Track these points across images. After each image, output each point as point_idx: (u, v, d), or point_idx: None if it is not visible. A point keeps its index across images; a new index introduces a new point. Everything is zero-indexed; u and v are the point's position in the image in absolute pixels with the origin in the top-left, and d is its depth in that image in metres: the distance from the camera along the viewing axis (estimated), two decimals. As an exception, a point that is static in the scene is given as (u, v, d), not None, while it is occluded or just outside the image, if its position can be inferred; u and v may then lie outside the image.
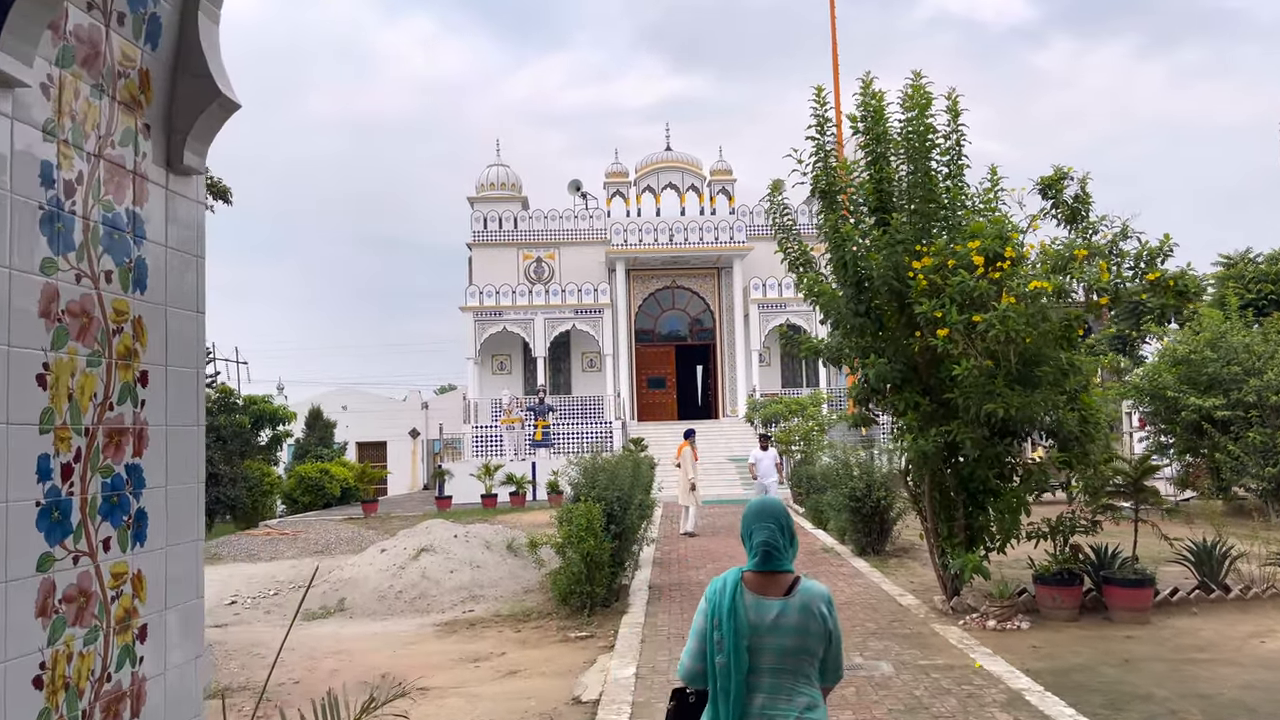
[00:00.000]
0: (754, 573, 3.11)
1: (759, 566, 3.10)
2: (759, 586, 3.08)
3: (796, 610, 3.02)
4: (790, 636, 3.00)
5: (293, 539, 19.14)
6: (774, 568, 3.09)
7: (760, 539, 3.09)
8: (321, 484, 27.31)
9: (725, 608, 3.06)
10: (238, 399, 25.86)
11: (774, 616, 3.01)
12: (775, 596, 3.05)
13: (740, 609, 3.04)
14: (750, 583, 3.10)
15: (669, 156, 37.43)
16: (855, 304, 9.05)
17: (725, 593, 3.09)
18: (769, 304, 34.52)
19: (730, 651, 3.00)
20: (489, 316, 34.10)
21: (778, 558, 3.09)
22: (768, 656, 3.00)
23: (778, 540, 3.09)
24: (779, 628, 3.00)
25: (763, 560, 3.09)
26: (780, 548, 3.10)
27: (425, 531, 13.27)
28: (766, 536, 3.09)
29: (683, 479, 17.69)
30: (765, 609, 3.03)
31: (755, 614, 3.03)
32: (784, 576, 3.09)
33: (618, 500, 10.70)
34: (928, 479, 9.47)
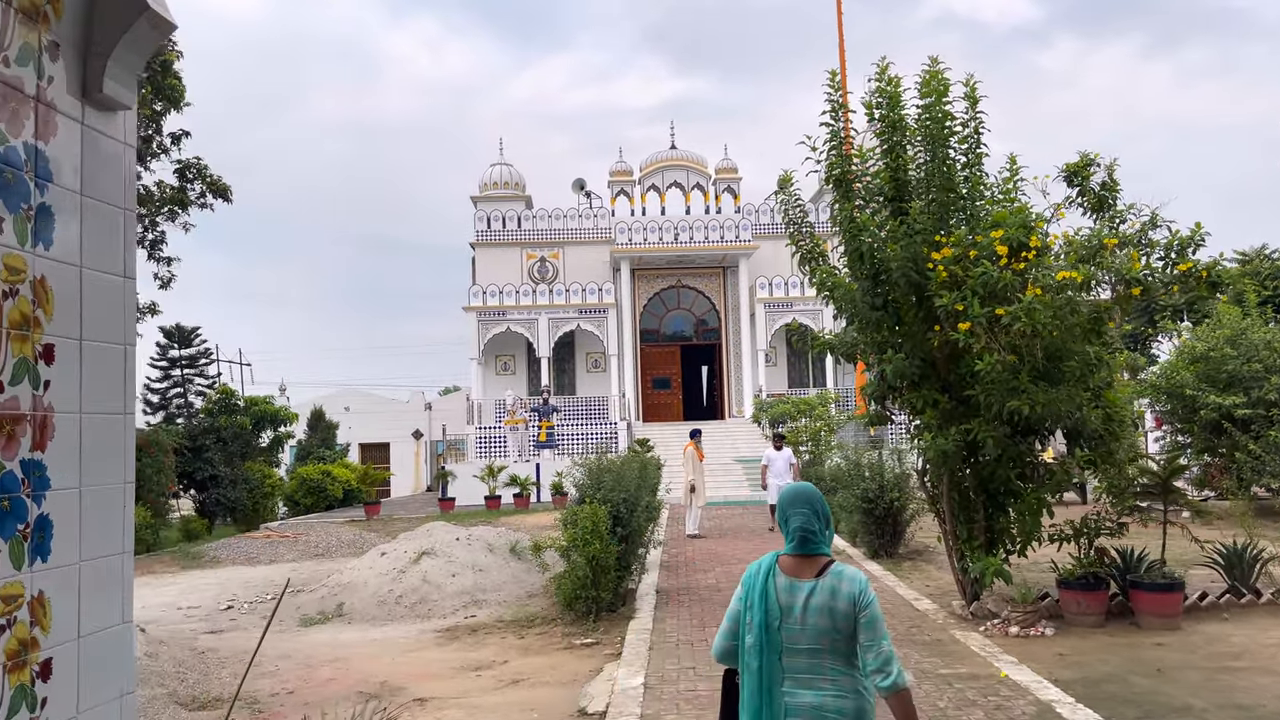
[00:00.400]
0: (790, 556, 3.18)
1: (795, 550, 3.17)
2: (793, 569, 3.15)
3: (826, 591, 3.06)
4: (821, 616, 3.04)
5: (293, 542, 18.83)
6: (809, 551, 3.16)
7: (796, 524, 3.16)
8: (323, 486, 27.00)
9: (757, 590, 3.14)
10: (239, 400, 25.55)
11: (805, 597, 3.07)
12: (808, 578, 3.12)
13: (771, 591, 3.11)
14: (785, 565, 3.18)
15: (673, 155, 37.09)
16: (871, 297, 8.69)
17: (759, 575, 3.18)
18: (775, 303, 34.16)
19: (759, 631, 3.08)
20: (492, 317, 33.77)
21: (814, 541, 3.16)
22: (802, 637, 3.05)
23: (813, 525, 3.16)
24: (810, 608, 3.05)
25: (799, 544, 3.16)
26: (816, 532, 3.17)
27: (426, 534, 12.94)
28: (802, 521, 3.16)
29: (684, 480, 17.36)
30: (797, 591, 3.09)
31: (787, 596, 3.10)
32: (817, 559, 3.16)
33: (624, 502, 10.36)
34: (946, 479, 9.11)
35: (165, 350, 29.20)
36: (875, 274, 8.58)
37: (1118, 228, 7.86)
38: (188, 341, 29.19)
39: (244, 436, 24.18)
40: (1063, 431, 8.95)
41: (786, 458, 16.86)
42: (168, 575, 15.76)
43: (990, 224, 7.98)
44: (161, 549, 19.34)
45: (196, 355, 29.19)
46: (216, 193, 22.59)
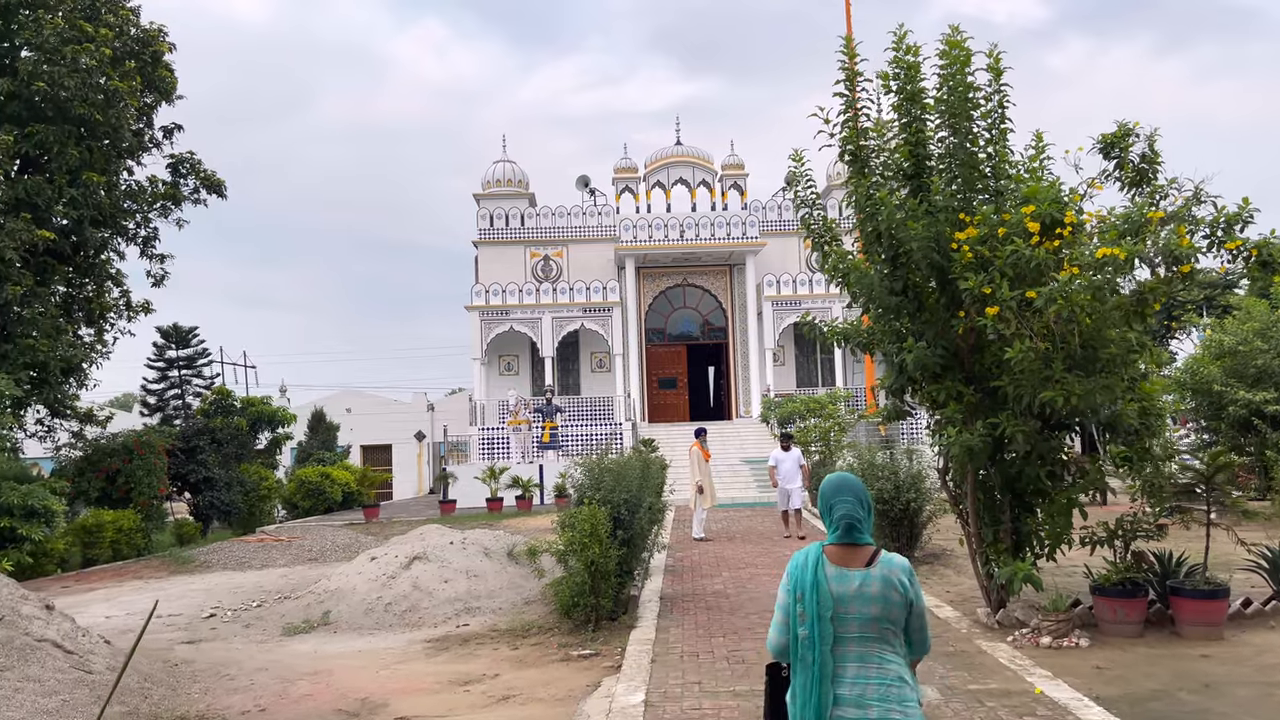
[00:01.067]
0: (836, 545, 3.19)
1: (841, 539, 3.18)
2: (841, 559, 3.16)
3: (878, 580, 3.09)
4: (874, 605, 3.07)
5: (287, 545, 18.27)
6: (854, 540, 3.17)
7: (841, 512, 3.18)
8: (322, 488, 26.45)
9: (808, 581, 3.13)
10: (235, 401, 25.01)
11: (857, 587, 3.08)
12: (857, 567, 3.12)
13: (823, 581, 3.11)
14: (832, 555, 3.17)
15: (679, 151, 36.47)
16: (890, 281, 8.05)
17: (808, 567, 3.17)
18: (783, 301, 33.53)
19: (813, 623, 3.08)
20: (495, 316, 33.21)
21: (859, 530, 3.18)
22: (853, 626, 3.07)
23: (857, 513, 3.18)
24: (862, 597, 3.07)
25: (844, 533, 3.17)
26: (861, 520, 3.19)
27: (419, 538, 12.34)
28: (847, 510, 3.17)
29: (690, 481, 16.77)
30: (848, 580, 3.10)
31: (838, 585, 3.10)
32: (864, 549, 3.17)
33: (625, 503, 9.75)
34: (970, 478, 8.48)
35: (162, 351, 28.70)
36: (894, 256, 7.94)
37: (1158, 203, 7.23)
38: (185, 342, 28.69)
39: (240, 438, 23.62)
40: (1095, 426, 8.31)
41: (795, 458, 16.09)
42: (155, 581, 15.19)
43: (1020, 200, 7.35)
44: (154, 553, 18.79)
45: (194, 356, 28.69)
46: (210, 188, 22.06)
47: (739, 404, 35.05)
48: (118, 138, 18.43)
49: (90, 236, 19.18)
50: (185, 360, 28.61)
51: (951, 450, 7.61)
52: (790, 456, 16.15)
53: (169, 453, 21.06)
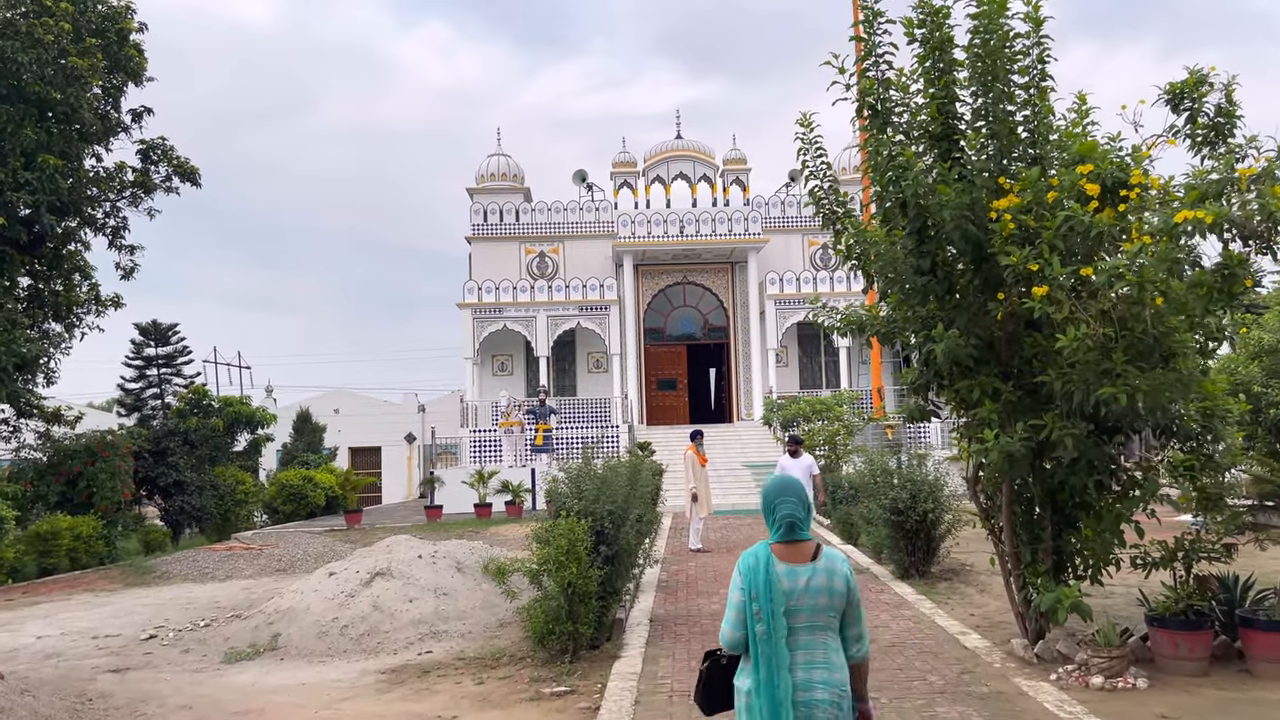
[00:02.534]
0: (780, 544, 3.48)
1: (784, 538, 3.48)
2: (787, 556, 3.45)
3: (823, 573, 3.42)
4: (820, 596, 3.39)
5: (257, 555, 17.11)
6: (797, 538, 3.49)
7: (784, 512, 3.49)
8: (304, 492, 25.28)
9: (761, 581, 3.38)
10: (212, 401, 23.85)
11: (805, 581, 3.39)
12: (803, 563, 3.43)
13: (775, 580, 3.38)
14: (779, 553, 3.45)
15: (679, 145, 35.33)
16: (916, 259, 6.88)
17: (759, 568, 3.42)
18: (786, 300, 32.37)
19: (769, 619, 3.33)
20: (488, 314, 32.07)
21: (800, 528, 3.49)
22: (802, 617, 3.37)
23: (798, 513, 3.50)
24: (810, 590, 3.38)
25: (787, 531, 3.48)
26: (801, 519, 3.51)
27: (385, 550, 11.18)
28: (789, 510, 3.49)
29: (685, 487, 15.59)
30: (796, 575, 3.40)
31: (788, 581, 3.39)
32: (807, 544, 3.48)
33: (610, 515, 8.58)
34: (1006, 490, 7.31)
35: (140, 348, 27.52)
36: (920, 229, 6.78)
37: (1236, 164, 6.07)
38: (165, 339, 27.51)
39: (215, 439, 22.45)
40: (1153, 429, 7.14)
41: (806, 467, 14.18)
42: (106, 594, 14.04)
43: (1071, 160, 6.18)
44: (117, 562, 17.65)
45: (174, 354, 27.50)
46: (183, 175, 20.90)
47: (740, 406, 33.89)
48: (77, 118, 17.28)
49: (51, 225, 18.03)
50: (164, 359, 27.43)
51: (988, 457, 6.44)
52: (800, 465, 14.19)
53: (137, 455, 19.92)
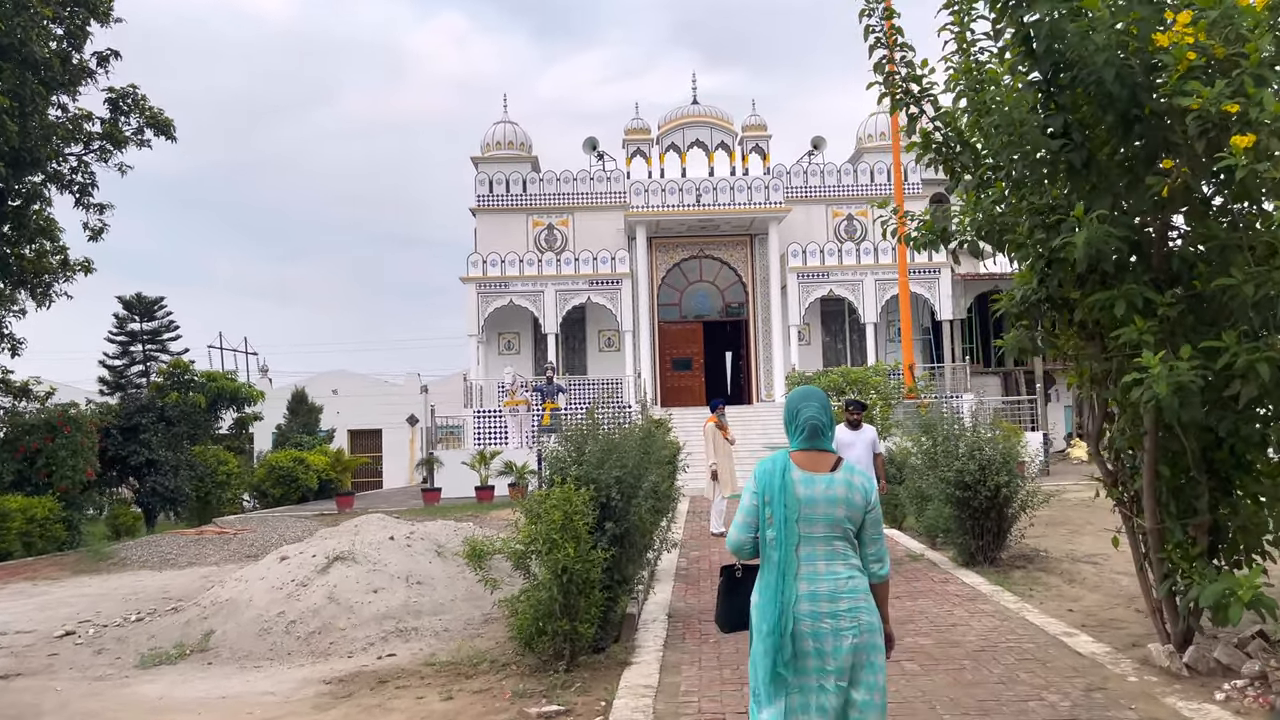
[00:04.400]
0: (801, 451, 3.42)
1: (805, 443, 3.42)
2: (807, 463, 3.37)
3: (842, 484, 3.34)
4: (839, 507, 3.30)
5: (229, 539, 15.38)
6: (819, 446, 3.42)
7: (807, 415, 3.43)
8: (295, 475, 23.54)
9: (776, 486, 3.31)
10: (194, 375, 22.14)
11: (823, 489, 3.30)
12: (823, 472, 3.35)
13: (790, 485, 3.30)
14: (799, 460, 3.38)
15: (696, 110, 33.34)
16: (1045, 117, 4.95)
17: (775, 472, 3.35)
18: (809, 273, 30.42)
19: (780, 525, 3.27)
20: (494, 288, 30.26)
21: (822, 434, 3.43)
22: (820, 526, 3.28)
23: (821, 418, 3.44)
24: (828, 499, 3.30)
25: (809, 436, 3.42)
26: (824, 425, 3.44)
27: (352, 531, 9.40)
28: (812, 414, 3.43)
29: (706, 464, 13.74)
30: (814, 483, 3.31)
31: (805, 488, 3.30)
32: (828, 455, 3.42)
33: (618, 483, 6.76)
34: (1150, 445, 5.44)
35: (124, 323, 25.90)
36: (1053, 71, 4.86)
37: None
38: (150, 314, 25.92)
39: (194, 416, 20.72)
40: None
41: (869, 441, 10.30)
42: (46, 583, 12.33)
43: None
44: (77, 547, 15.97)
45: (159, 329, 25.90)
46: (157, 128, 19.16)
47: (760, 387, 31.98)
48: (27, 54, 15.51)
49: (5, 177, 16.31)
50: (149, 334, 25.79)
51: (1147, 394, 4.54)
52: (861, 439, 10.23)
53: (105, 432, 18.23)
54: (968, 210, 5.83)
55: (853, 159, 34.71)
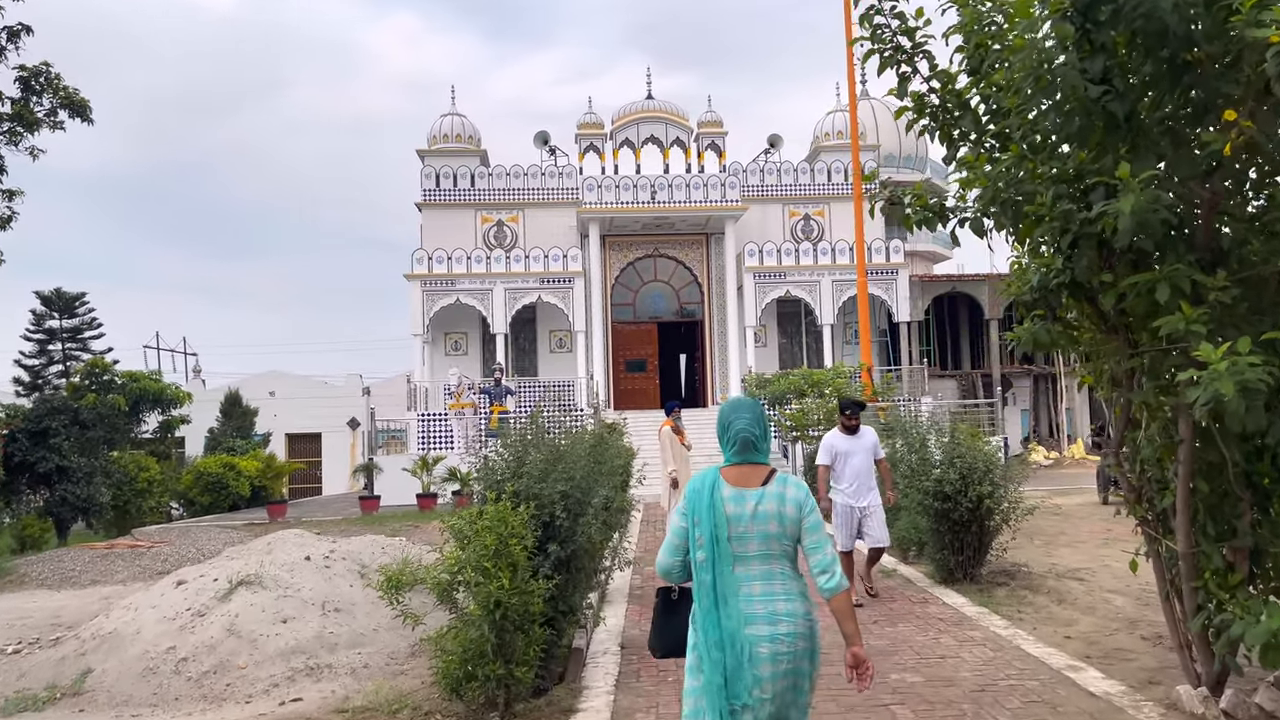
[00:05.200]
0: (732, 466, 3.24)
1: (737, 457, 3.23)
2: (737, 479, 3.19)
3: (774, 498, 3.14)
4: (771, 523, 3.12)
5: (143, 554, 14.14)
6: (751, 459, 3.23)
7: (738, 429, 3.23)
8: (225, 481, 22.20)
9: (704, 504, 3.14)
10: (115, 376, 20.71)
11: (754, 506, 3.12)
12: (754, 486, 3.16)
13: (719, 503, 3.13)
14: (729, 476, 3.20)
15: (650, 105, 32.47)
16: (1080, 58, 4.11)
17: (704, 490, 3.17)
18: (766, 273, 29.73)
19: (710, 545, 3.08)
20: (440, 286, 29.10)
21: (756, 448, 3.23)
22: (754, 544, 3.10)
23: (754, 430, 3.23)
24: (760, 515, 3.12)
25: (740, 449, 3.22)
26: (756, 437, 3.24)
27: (265, 550, 8.35)
28: (744, 426, 3.23)
29: (663, 471, 12.83)
30: (744, 500, 3.14)
31: (735, 505, 3.13)
32: (761, 468, 3.22)
33: (563, 499, 5.82)
34: (1186, 456, 4.64)
35: (41, 320, 24.31)
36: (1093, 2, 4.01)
37: None
38: (70, 310, 24.36)
39: (112, 419, 19.32)
40: None
41: (869, 447, 8.49)
42: (-76, 605, 11.02)
43: None
44: (-24, 562, 14.57)
45: (80, 327, 24.35)
46: (72, 109, 17.78)
47: (715, 389, 31.20)
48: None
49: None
50: (69, 332, 24.23)
51: (1214, 393, 3.71)
52: (861, 444, 8.48)
53: (10, 436, 16.81)
54: (971, 181, 5.00)
55: (810, 158, 34.09)
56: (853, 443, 8.41)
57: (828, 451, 8.49)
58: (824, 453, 8.53)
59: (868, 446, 8.44)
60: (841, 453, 8.37)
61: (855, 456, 8.33)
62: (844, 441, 8.43)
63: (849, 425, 8.53)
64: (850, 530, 8.33)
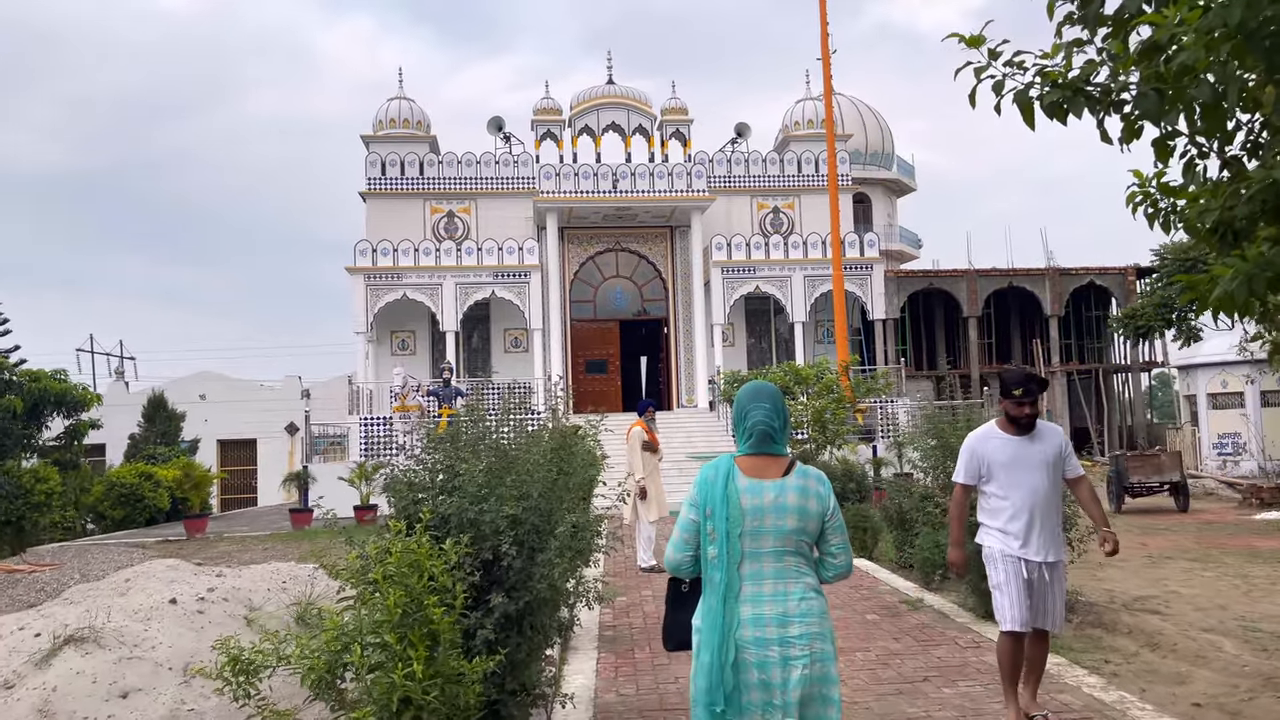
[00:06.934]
0: (748, 456, 3.02)
1: (754, 448, 3.01)
2: (754, 469, 2.98)
3: (794, 490, 2.94)
4: (791, 516, 2.92)
5: (19, 580, 11.96)
6: (769, 450, 3.01)
7: (755, 419, 3.02)
8: (141, 493, 19.91)
9: (718, 496, 2.93)
10: (12, 375, 18.37)
11: (773, 498, 2.92)
12: (773, 478, 2.96)
13: (734, 495, 2.92)
14: (745, 467, 2.99)
15: (611, 91, 30.65)
16: None
17: (718, 481, 2.96)
18: (734, 268, 28.06)
19: (723, 540, 2.88)
20: (385, 281, 27.05)
21: (774, 440, 3.02)
22: (769, 540, 2.91)
23: (773, 421, 3.03)
24: (779, 509, 2.91)
25: (758, 442, 3.01)
26: (775, 429, 3.03)
27: (118, 590, 6.35)
28: (761, 417, 3.01)
29: (633, 480, 10.94)
30: (761, 491, 2.93)
31: (752, 498, 2.92)
32: (780, 459, 3.02)
33: (512, 528, 3.94)
34: None
35: (-64, 316, 21.80)
36: None
37: None
38: (-32, 305, 21.83)
39: (3, 424, 17.00)
40: None
41: (1053, 456, 4.87)
42: None
43: None
44: None
45: (-22, 324, 21.83)
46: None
47: (681, 391, 29.43)
48: None
49: None
50: (-34, 329, 21.75)
51: None
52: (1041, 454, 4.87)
53: (-127, 442, 14.48)
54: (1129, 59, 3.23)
55: (779, 147, 32.51)
56: (1022, 448, 4.83)
57: (973, 462, 4.96)
58: (966, 464, 5.00)
59: (1050, 456, 4.84)
60: (1000, 465, 4.84)
61: (1028, 472, 4.79)
62: (1005, 446, 4.87)
63: (1021, 416, 4.83)
64: (1020, 596, 4.79)
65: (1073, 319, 32.42)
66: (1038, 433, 4.89)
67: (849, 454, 14.62)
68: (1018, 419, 4.86)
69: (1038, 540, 4.78)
